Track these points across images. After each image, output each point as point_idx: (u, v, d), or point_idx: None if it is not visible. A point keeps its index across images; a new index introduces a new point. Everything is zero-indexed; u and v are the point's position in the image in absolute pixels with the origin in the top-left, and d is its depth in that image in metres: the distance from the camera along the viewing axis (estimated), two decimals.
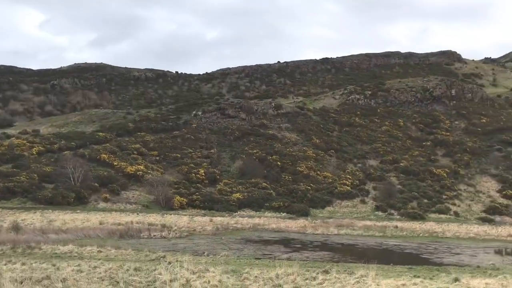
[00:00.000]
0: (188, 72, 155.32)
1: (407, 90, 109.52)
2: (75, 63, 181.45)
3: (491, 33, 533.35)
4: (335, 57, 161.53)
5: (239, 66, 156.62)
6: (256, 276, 17.32)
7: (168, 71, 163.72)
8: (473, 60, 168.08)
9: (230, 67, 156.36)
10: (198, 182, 62.89)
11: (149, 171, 62.97)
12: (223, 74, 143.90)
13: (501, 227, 52.84)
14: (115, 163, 62.60)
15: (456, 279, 18.52)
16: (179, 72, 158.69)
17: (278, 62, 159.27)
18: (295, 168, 69.59)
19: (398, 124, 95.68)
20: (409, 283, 17.10)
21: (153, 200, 56.43)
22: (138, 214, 50.39)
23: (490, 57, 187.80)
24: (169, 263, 20.40)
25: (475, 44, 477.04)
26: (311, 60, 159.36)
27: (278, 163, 70.43)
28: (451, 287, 15.94)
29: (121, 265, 19.04)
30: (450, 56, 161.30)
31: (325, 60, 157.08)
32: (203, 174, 64.62)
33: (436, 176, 71.45)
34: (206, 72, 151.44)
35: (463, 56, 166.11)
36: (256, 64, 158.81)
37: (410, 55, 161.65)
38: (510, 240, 44.04)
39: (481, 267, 26.70)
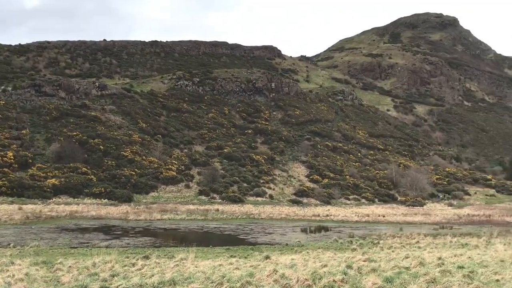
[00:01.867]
0: None
1: (233, 80, 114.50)
2: None
3: (308, 33, 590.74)
4: (165, 41, 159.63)
5: (60, 40, 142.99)
6: (70, 266, 16.29)
7: None
8: (291, 56, 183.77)
9: (50, 40, 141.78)
10: (5, 166, 56.00)
11: None
12: (40, 47, 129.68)
13: (307, 208, 59.46)
14: None
15: (267, 257, 20.20)
16: None
17: (104, 40, 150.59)
18: (119, 152, 67.08)
19: (223, 112, 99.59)
20: (225, 263, 18.04)
21: None
22: None
23: (305, 55, 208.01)
24: None
25: (294, 41, 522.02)
26: (140, 41, 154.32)
27: (101, 147, 66.94)
28: (262, 264, 17.28)
29: None
30: (272, 51, 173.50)
31: (154, 43, 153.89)
32: (11, 157, 57.78)
33: (255, 162, 76.57)
34: (20, 44, 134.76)
35: (283, 52, 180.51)
36: (80, 40, 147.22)
37: (236, 46, 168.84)
38: (314, 219, 49.81)
39: (289, 244, 29.65)
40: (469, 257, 19.12)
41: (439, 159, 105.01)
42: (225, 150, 79.17)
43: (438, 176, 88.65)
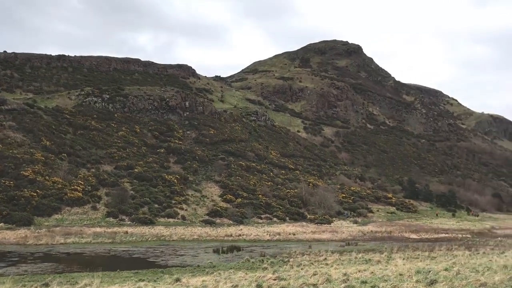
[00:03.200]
0: None
1: (145, 97, 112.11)
2: None
3: (223, 55, 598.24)
4: (73, 55, 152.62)
5: None
6: None
7: None
8: (205, 76, 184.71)
9: None
10: None
11: None
12: None
13: (220, 228, 59.25)
14: None
15: (178, 279, 19.75)
16: None
17: (5, 51, 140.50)
18: (18, 172, 62.23)
19: (135, 130, 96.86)
20: (133, 287, 17.34)
21: None
22: None
23: (220, 76, 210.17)
24: None
25: (209, 62, 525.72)
26: (46, 55, 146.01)
27: None
28: None
29: None
30: (186, 70, 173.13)
31: (61, 57, 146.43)
32: None
33: (167, 182, 75.01)
34: None
35: (197, 72, 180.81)
36: None
37: (150, 64, 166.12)
38: (227, 239, 49.71)
39: (200, 266, 29.24)
40: (372, 272, 20.14)
41: (345, 178, 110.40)
42: (135, 170, 76.75)
43: (344, 195, 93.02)
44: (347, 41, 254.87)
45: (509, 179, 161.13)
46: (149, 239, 47.28)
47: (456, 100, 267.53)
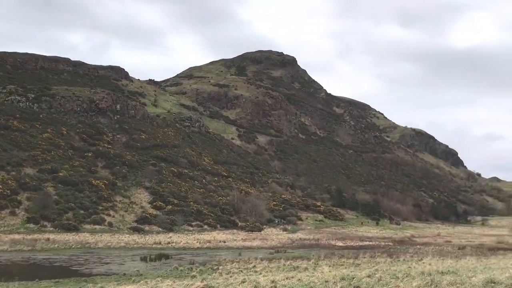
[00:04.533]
0: None
1: (73, 98, 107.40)
2: None
3: (158, 58, 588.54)
4: None
5: None
6: None
7: None
8: (138, 79, 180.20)
9: None
10: None
11: None
12: None
13: (149, 236, 57.86)
14: None
15: None
16: None
17: None
18: None
19: (61, 132, 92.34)
20: None
21: None
22: None
23: (154, 79, 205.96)
24: None
25: (144, 65, 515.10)
26: None
27: None
28: None
29: None
30: (118, 72, 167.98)
31: None
32: None
33: (94, 187, 72.15)
34: None
35: (131, 74, 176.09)
36: None
37: (80, 64, 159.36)
38: (155, 247, 48.60)
39: (127, 274, 28.34)
40: (299, 279, 20.53)
41: (276, 187, 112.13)
42: (60, 174, 73.09)
43: (275, 203, 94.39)
44: (282, 52, 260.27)
45: (428, 190, 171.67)
46: (73, 246, 45.18)
47: (382, 114, 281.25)
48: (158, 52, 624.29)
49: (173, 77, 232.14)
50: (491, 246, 55.77)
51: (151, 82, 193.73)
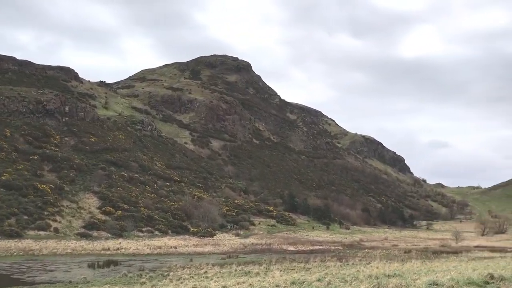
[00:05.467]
0: None
1: (18, 99, 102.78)
2: None
3: (110, 60, 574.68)
4: None
5: None
6: None
7: None
8: (89, 81, 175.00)
9: None
10: None
11: None
12: None
13: (97, 242, 56.12)
14: None
15: None
16: None
17: None
18: None
19: (4, 134, 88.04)
20: None
21: None
22: None
23: (105, 81, 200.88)
24: None
25: (95, 66, 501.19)
26: None
27: None
28: None
29: None
30: (68, 73, 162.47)
31: None
32: None
33: (40, 191, 69.22)
34: None
35: (83, 76, 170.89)
36: None
37: (26, 63, 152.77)
38: (104, 253, 47.20)
39: (73, 282, 27.36)
40: (250, 284, 20.53)
41: (230, 192, 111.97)
42: (3, 177, 69.56)
43: (228, 208, 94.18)
44: (237, 58, 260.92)
45: (377, 195, 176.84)
46: (15, 253, 43.12)
47: (334, 121, 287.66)
48: (111, 54, 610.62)
49: (125, 79, 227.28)
50: (435, 250, 58.11)
51: (102, 84, 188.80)
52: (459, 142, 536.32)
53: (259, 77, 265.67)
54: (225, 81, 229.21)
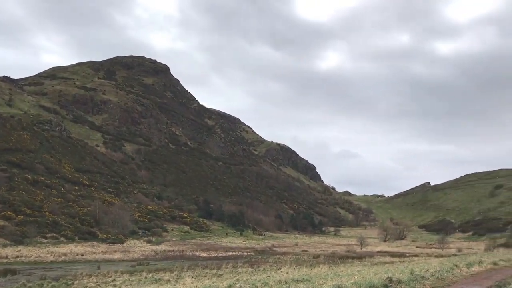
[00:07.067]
0: None
1: None
2: None
3: (18, 55, 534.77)
4: None
5: None
6: None
7: None
8: None
9: None
10: None
11: None
12: None
13: None
14: None
15: None
16: None
17: None
18: None
19: None
20: None
21: None
22: None
23: (9, 77, 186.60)
24: None
25: (0, 61, 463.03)
26: None
27: None
28: None
29: None
30: None
31: None
32: None
33: None
34: None
35: None
36: None
37: None
38: (0, 262, 43.68)
39: None
40: None
41: (142, 197, 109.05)
42: None
43: (140, 214, 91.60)
44: (155, 60, 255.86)
45: (289, 202, 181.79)
46: None
47: (251, 128, 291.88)
48: (19, 49, 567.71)
49: (33, 76, 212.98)
50: (341, 255, 60.92)
51: (6, 79, 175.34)
52: (367, 153, 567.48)
53: (177, 81, 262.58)
54: (142, 83, 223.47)
